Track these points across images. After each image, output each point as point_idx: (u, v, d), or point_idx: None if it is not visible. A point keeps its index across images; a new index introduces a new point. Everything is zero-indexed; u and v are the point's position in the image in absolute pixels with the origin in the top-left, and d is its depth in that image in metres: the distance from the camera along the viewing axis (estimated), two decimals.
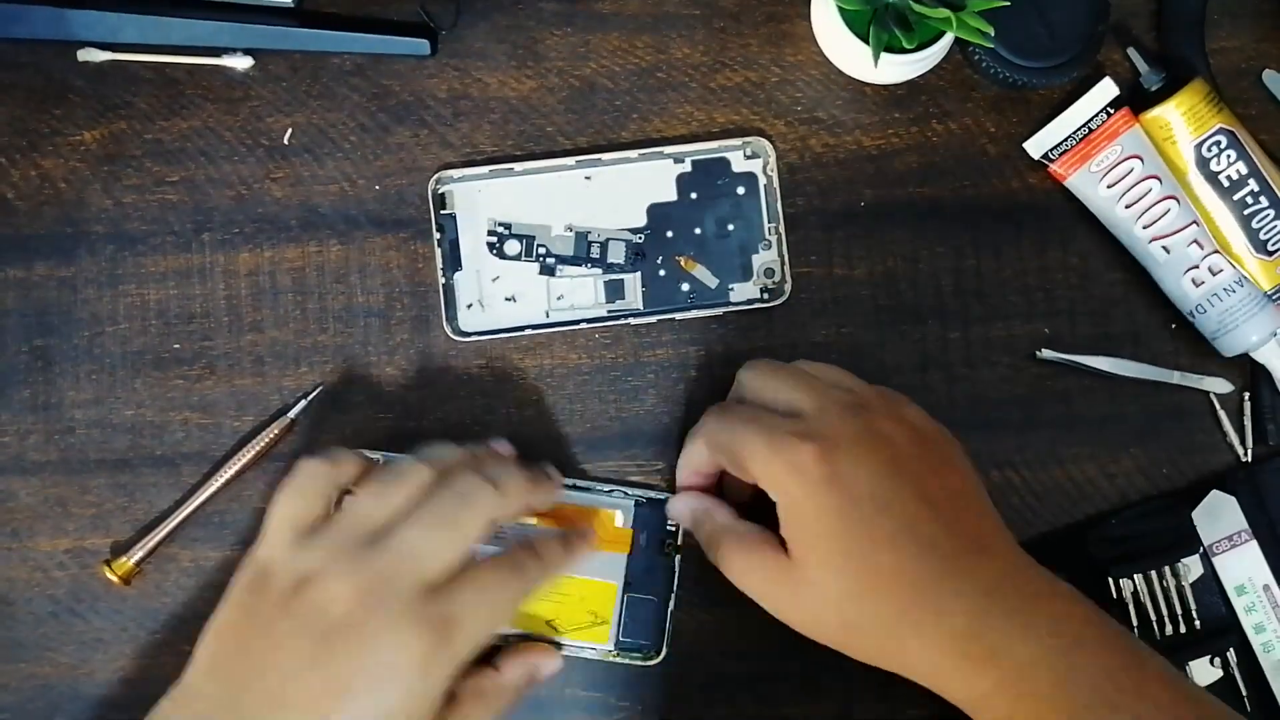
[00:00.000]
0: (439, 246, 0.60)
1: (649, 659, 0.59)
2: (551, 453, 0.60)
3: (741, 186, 0.61)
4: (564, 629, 0.59)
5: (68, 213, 0.61)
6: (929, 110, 0.62)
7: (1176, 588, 0.60)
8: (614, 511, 0.59)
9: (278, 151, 0.62)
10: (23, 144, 0.61)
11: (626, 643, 0.59)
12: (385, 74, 0.62)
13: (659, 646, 0.59)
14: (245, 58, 0.61)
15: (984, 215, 0.62)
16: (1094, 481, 0.61)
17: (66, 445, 0.61)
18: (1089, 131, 0.59)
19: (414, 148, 0.61)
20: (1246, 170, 0.59)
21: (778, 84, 0.62)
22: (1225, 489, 0.60)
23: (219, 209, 0.61)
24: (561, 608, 0.59)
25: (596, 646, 0.59)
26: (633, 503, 0.59)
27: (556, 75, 0.62)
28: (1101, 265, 0.62)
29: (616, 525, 0.59)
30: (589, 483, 0.60)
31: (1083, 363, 0.60)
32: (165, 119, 0.62)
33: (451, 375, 0.61)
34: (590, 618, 0.59)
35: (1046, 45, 0.59)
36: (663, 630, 0.59)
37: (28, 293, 0.61)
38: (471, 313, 0.61)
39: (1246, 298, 0.59)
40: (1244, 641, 0.60)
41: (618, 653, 0.59)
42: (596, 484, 0.60)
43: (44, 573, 0.60)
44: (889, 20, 0.56)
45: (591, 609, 0.59)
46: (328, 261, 0.61)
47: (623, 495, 0.60)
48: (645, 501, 0.59)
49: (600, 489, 0.60)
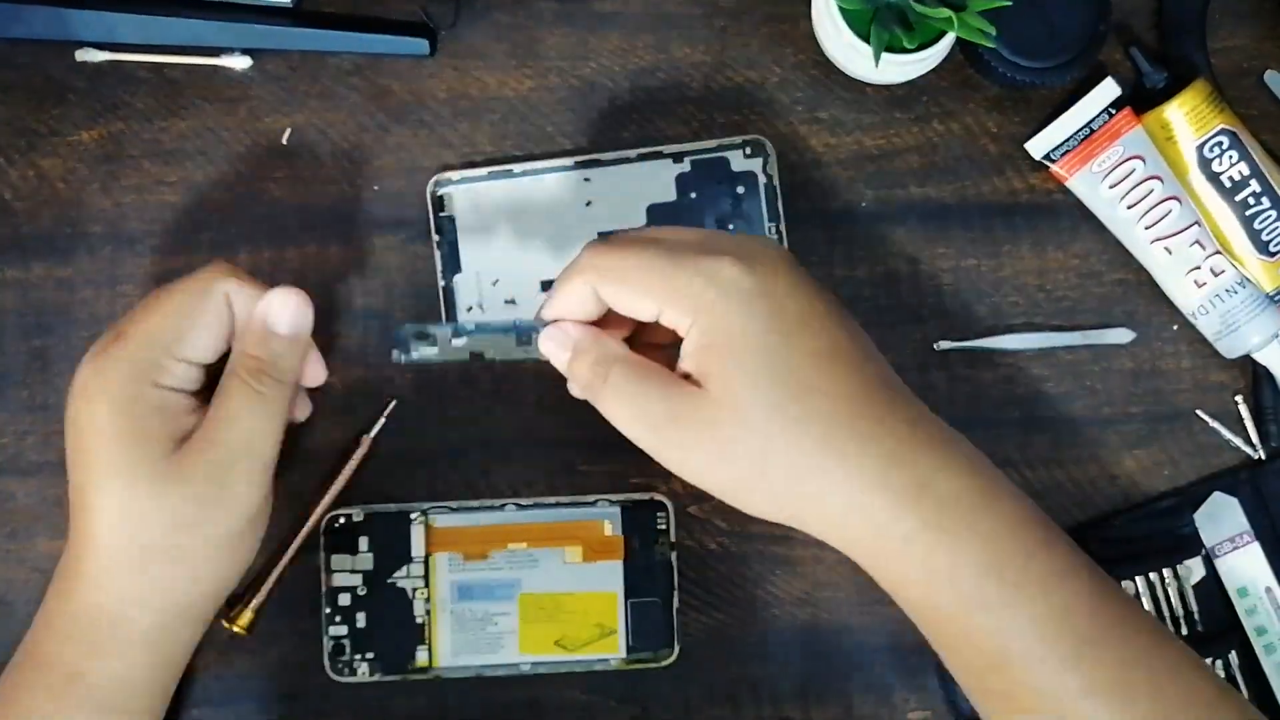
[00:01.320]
0: (438, 249, 0.60)
1: (662, 659, 0.59)
2: (551, 454, 0.60)
3: (741, 186, 0.61)
4: (573, 646, 0.59)
5: (66, 213, 0.61)
6: (930, 110, 0.62)
7: (1178, 590, 0.60)
8: (603, 521, 0.59)
9: (276, 152, 0.61)
10: (21, 144, 0.61)
11: (637, 648, 0.59)
12: (384, 74, 0.62)
13: (670, 645, 0.59)
14: (244, 58, 0.61)
15: (985, 215, 0.62)
16: (1095, 482, 0.61)
17: (65, 446, 0.60)
18: (1091, 132, 0.59)
19: (413, 148, 0.61)
20: (1248, 171, 0.59)
21: (778, 84, 0.62)
22: (1227, 491, 0.60)
23: (218, 210, 0.61)
24: (568, 626, 0.59)
25: (609, 658, 0.59)
26: (619, 509, 0.59)
27: (556, 75, 0.62)
28: (1103, 266, 0.61)
29: (607, 534, 0.59)
30: (572, 498, 0.60)
31: (982, 346, 0.60)
32: (164, 119, 0.61)
33: (452, 376, 0.61)
34: (598, 630, 0.59)
35: (1048, 45, 0.59)
36: (671, 629, 0.59)
37: (26, 293, 0.61)
38: (471, 315, 0.60)
39: (1248, 299, 0.59)
40: (1246, 644, 0.60)
41: (631, 660, 0.59)
42: (580, 498, 0.60)
43: (42, 574, 0.60)
44: (890, 20, 0.56)
45: (597, 621, 0.59)
46: (327, 263, 0.61)
47: (608, 504, 0.59)
48: (631, 505, 0.59)
49: (585, 501, 0.59)
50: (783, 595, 0.60)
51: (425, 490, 0.60)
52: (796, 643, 0.60)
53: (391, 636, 0.59)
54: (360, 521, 0.59)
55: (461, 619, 0.59)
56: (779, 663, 0.60)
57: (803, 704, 0.60)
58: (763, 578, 0.60)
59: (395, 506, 0.59)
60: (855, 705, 0.60)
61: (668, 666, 0.59)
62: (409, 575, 0.59)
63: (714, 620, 0.60)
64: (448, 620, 0.59)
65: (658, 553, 0.59)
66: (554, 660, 0.59)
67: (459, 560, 0.59)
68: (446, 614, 0.59)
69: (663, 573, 0.59)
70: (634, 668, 0.59)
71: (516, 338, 0.51)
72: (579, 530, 0.59)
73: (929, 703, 0.60)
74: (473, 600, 0.59)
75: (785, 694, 0.60)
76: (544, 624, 0.59)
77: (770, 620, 0.60)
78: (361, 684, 0.59)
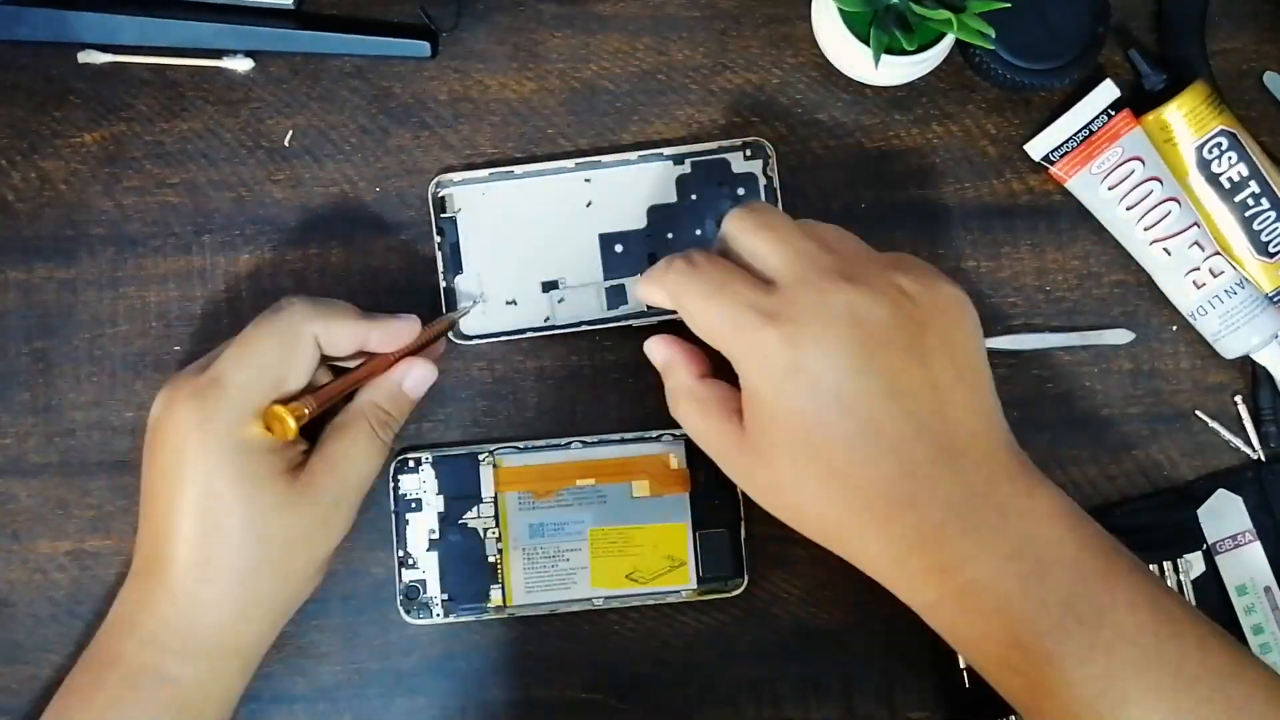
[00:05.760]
0: (439, 250, 0.60)
1: (732, 589, 0.59)
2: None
3: (742, 187, 0.61)
4: (645, 579, 0.59)
5: (68, 215, 0.61)
6: (929, 112, 0.62)
7: (1177, 584, 0.60)
8: (668, 455, 0.60)
9: (278, 153, 0.62)
10: (23, 146, 0.61)
11: (708, 579, 0.59)
12: (386, 76, 0.62)
13: (740, 574, 0.59)
14: (246, 60, 0.61)
15: (984, 217, 0.62)
16: (1094, 483, 0.61)
17: (67, 447, 0.61)
18: (1090, 133, 0.59)
19: (414, 150, 0.61)
20: (1248, 172, 0.59)
21: (778, 86, 0.62)
22: (1232, 489, 0.60)
23: (220, 211, 0.61)
24: (639, 559, 0.59)
25: (681, 589, 0.59)
26: (683, 443, 0.60)
27: (557, 77, 0.62)
28: (1102, 267, 0.62)
29: (673, 467, 0.60)
30: (636, 433, 0.60)
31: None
32: (166, 121, 0.62)
33: (452, 377, 0.61)
34: (668, 562, 0.59)
35: (1047, 47, 0.59)
36: (740, 558, 0.59)
37: (28, 295, 0.61)
38: (473, 316, 0.61)
39: (1247, 299, 0.59)
40: (1242, 642, 0.60)
41: (702, 589, 0.59)
42: (644, 433, 0.60)
43: (44, 574, 0.60)
44: (889, 22, 0.56)
45: (667, 554, 0.59)
46: (328, 264, 0.61)
47: (672, 439, 0.60)
48: None
49: (650, 436, 0.60)
50: (783, 595, 0.60)
51: (492, 431, 0.61)
52: (797, 643, 0.60)
53: (465, 577, 0.59)
54: (429, 463, 0.60)
55: (533, 557, 0.59)
56: (778, 662, 0.60)
57: (803, 704, 0.60)
58: (763, 577, 0.60)
59: (464, 448, 0.60)
60: (855, 705, 0.60)
61: (738, 595, 0.60)
62: (479, 516, 0.60)
63: (714, 620, 0.60)
64: (520, 559, 0.59)
65: (724, 483, 0.59)
66: (626, 594, 0.59)
67: (528, 499, 0.60)
68: (518, 552, 0.59)
69: (729, 504, 0.60)
70: (705, 598, 0.59)
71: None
72: (645, 464, 0.60)
73: (929, 703, 0.60)
74: (543, 538, 0.60)
75: (785, 694, 0.60)
76: (614, 558, 0.59)
77: (770, 620, 0.60)
78: (436, 625, 0.60)
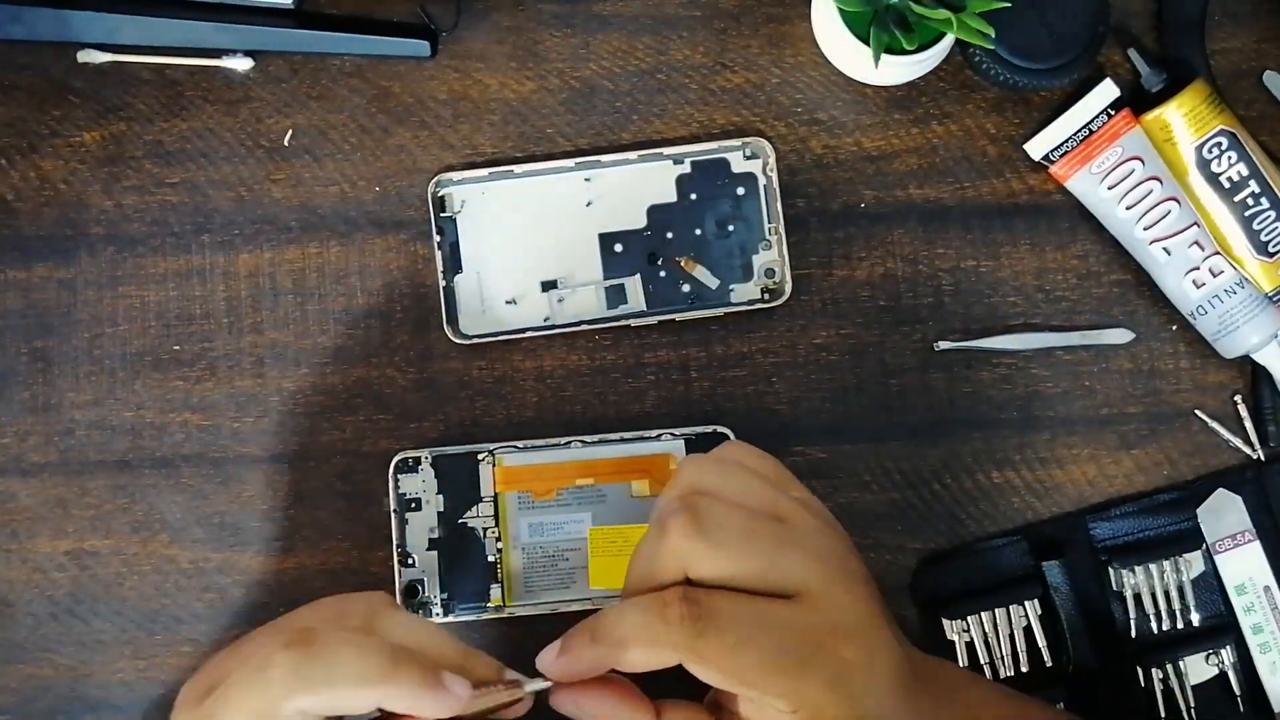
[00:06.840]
0: (439, 249, 0.60)
1: None
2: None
3: (741, 187, 0.61)
4: None
5: (67, 214, 0.61)
6: (929, 111, 0.62)
7: (1177, 583, 0.60)
8: (668, 454, 0.60)
9: (278, 153, 0.61)
10: (23, 145, 0.61)
11: None
12: (385, 75, 0.62)
13: None
14: (245, 59, 0.61)
15: (984, 216, 0.62)
16: (1094, 482, 0.61)
17: (66, 447, 0.61)
18: (1090, 133, 0.59)
19: (414, 149, 0.61)
20: (1247, 171, 0.59)
21: (778, 85, 0.62)
22: (1232, 488, 0.60)
23: (219, 210, 0.61)
24: None
25: None
26: (683, 441, 0.60)
27: (557, 77, 0.62)
28: (1102, 266, 0.62)
29: (673, 467, 0.60)
30: (636, 433, 0.60)
31: (981, 346, 0.61)
32: (165, 120, 0.61)
33: (452, 377, 0.61)
34: None
35: (1047, 47, 0.59)
36: None
37: (27, 294, 0.61)
38: (473, 316, 0.60)
39: (1247, 299, 0.59)
40: (1241, 641, 0.60)
41: None
42: (644, 432, 0.60)
43: (44, 574, 0.60)
44: (889, 21, 0.56)
45: None
46: (328, 263, 0.61)
47: (671, 437, 0.60)
48: (695, 438, 0.60)
49: (649, 435, 0.60)
50: None
51: (491, 432, 0.61)
52: None
53: (464, 576, 0.59)
54: (429, 463, 0.60)
55: (533, 556, 0.60)
56: None
57: None
58: None
59: (464, 448, 0.60)
60: None
61: None
62: (479, 515, 0.60)
63: None
64: (519, 558, 0.60)
65: None
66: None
67: (528, 498, 0.60)
68: (518, 552, 0.60)
69: None
70: None
71: None
72: (645, 464, 0.60)
73: None
74: (543, 537, 0.60)
75: None
76: (614, 558, 0.59)
77: None
78: (436, 624, 0.60)
